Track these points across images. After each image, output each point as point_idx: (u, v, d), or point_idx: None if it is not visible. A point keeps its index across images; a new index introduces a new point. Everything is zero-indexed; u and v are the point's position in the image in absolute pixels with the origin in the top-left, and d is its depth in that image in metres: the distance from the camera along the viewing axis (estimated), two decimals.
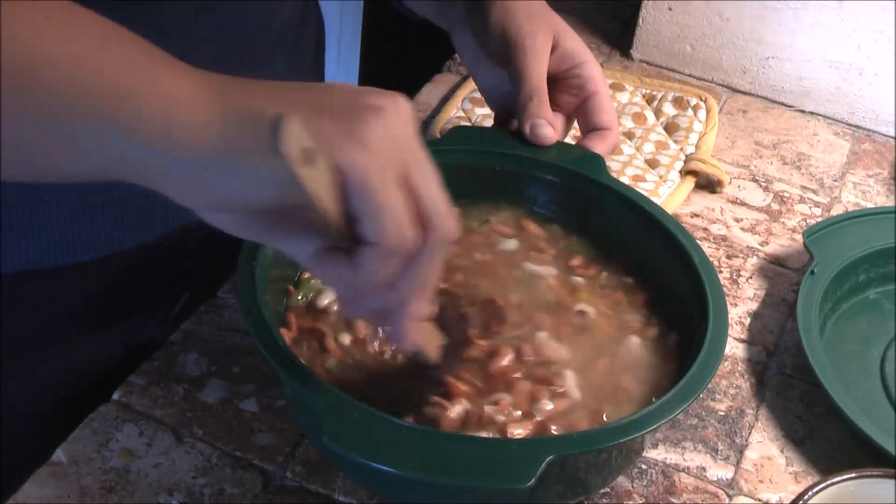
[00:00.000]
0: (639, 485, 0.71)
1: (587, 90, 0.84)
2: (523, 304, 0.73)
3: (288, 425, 0.72)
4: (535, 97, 0.81)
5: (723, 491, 0.72)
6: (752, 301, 0.88)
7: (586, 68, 0.85)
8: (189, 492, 0.67)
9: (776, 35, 1.11)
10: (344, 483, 0.69)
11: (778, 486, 0.73)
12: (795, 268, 0.92)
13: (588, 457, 0.62)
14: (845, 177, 1.05)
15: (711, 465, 0.74)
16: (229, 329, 0.78)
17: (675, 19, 1.14)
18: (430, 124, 1.02)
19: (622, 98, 1.08)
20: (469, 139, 0.83)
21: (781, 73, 1.13)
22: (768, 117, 1.12)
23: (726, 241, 0.94)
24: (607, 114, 0.84)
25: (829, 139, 1.10)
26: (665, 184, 0.97)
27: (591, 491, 0.68)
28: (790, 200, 1.00)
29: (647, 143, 1.02)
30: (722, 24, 1.12)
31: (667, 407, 0.63)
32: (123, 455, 0.69)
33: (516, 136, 0.83)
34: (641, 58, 1.18)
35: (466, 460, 0.58)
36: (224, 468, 0.69)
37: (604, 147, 0.84)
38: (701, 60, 1.16)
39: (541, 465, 0.57)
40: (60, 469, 0.67)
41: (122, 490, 0.67)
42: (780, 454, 0.76)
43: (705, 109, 1.07)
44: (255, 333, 0.63)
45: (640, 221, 0.78)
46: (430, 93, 1.08)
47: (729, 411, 0.78)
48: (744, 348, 0.84)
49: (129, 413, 0.71)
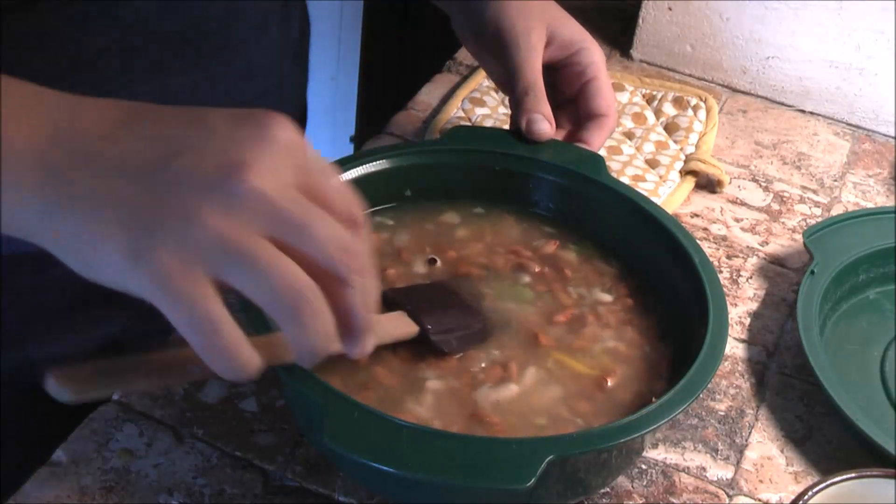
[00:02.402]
0: (639, 485, 0.71)
1: (586, 76, 0.84)
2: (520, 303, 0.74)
3: (288, 425, 0.72)
4: (531, 92, 0.81)
5: (723, 491, 0.72)
6: (752, 301, 0.88)
7: (585, 55, 0.85)
8: (189, 492, 0.67)
9: (776, 35, 1.11)
10: (344, 483, 0.69)
11: (778, 486, 0.73)
12: (795, 268, 0.92)
13: (588, 457, 0.62)
14: (845, 177, 1.05)
15: (711, 465, 0.74)
16: None
17: (675, 19, 1.14)
18: (430, 124, 1.01)
19: (622, 98, 1.08)
20: (469, 139, 0.83)
21: (781, 73, 1.13)
22: (768, 117, 1.12)
23: (726, 241, 0.94)
24: (605, 99, 0.84)
25: (829, 139, 1.10)
26: (665, 184, 0.97)
27: (591, 491, 0.68)
28: (790, 200, 1.00)
29: (647, 143, 1.02)
30: (722, 24, 1.12)
31: (667, 407, 0.63)
32: (123, 455, 0.69)
33: (516, 135, 0.83)
34: (641, 58, 1.18)
35: (466, 460, 0.58)
36: (224, 468, 0.69)
37: (600, 136, 0.84)
38: (701, 60, 1.16)
39: (541, 465, 0.57)
40: (60, 469, 0.68)
41: (122, 490, 0.67)
42: (780, 454, 0.76)
43: (705, 109, 1.07)
44: (255, 333, 0.63)
45: (640, 221, 0.78)
46: (430, 93, 1.08)
47: (729, 411, 0.78)
48: (744, 348, 0.84)
49: (129, 413, 0.71)
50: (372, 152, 0.79)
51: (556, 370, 0.70)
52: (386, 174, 0.79)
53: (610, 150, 0.99)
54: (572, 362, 0.71)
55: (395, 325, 0.68)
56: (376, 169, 0.78)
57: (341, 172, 0.77)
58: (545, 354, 0.71)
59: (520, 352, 0.71)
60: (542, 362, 0.70)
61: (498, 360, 0.70)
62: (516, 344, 0.71)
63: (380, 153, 0.79)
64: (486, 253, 0.78)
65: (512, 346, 0.71)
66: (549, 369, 0.70)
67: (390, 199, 0.80)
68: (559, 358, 0.71)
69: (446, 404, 0.67)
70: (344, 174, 0.77)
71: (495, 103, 1.04)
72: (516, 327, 0.73)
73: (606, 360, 0.72)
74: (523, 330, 0.73)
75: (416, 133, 1.02)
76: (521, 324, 0.73)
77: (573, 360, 0.71)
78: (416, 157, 0.80)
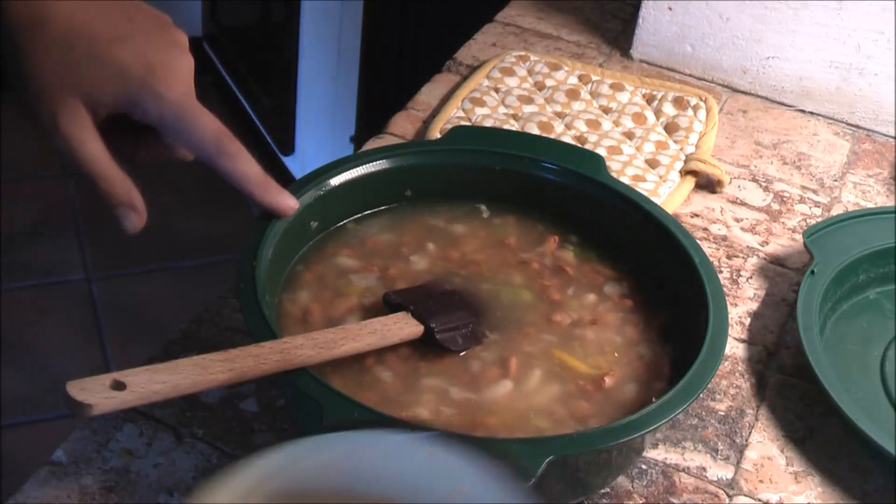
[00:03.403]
0: (639, 485, 0.71)
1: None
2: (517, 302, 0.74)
3: (288, 425, 0.72)
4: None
5: (723, 491, 0.72)
6: (752, 301, 0.88)
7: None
8: (189, 492, 0.67)
9: (776, 35, 1.11)
10: None
11: (778, 486, 0.73)
12: (795, 268, 0.92)
13: (588, 457, 0.62)
14: (845, 177, 1.05)
15: (711, 465, 0.74)
16: (229, 329, 0.78)
17: (675, 19, 1.14)
18: (430, 124, 1.01)
19: (622, 98, 1.08)
20: (469, 139, 0.83)
21: (781, 73, 1.13)
22: (768, 117, 1.12)
23: (726, 241, 0.94)
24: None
25: (829, 139, 1.10)
26: (665, 184, 0.97)
27: (591, 491, 0.68)
28: (790, 200, 1.00)
29: (647, 143, 1.02)
30: (722, 24, 1.12)
31: (667, 407, 0.63)
32: (123, 455, 0.69)
33: (516, 136, 0.83)
34: (641, 58, 1.18)
35: None
36: (224, 468, 0.69)
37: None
38: (701, 60, 1.16)
39: (541, 465, 0.57)
40: (60, 469, 0.68)
41: (122, 490, 0.67)
42: (780, 454, 0.76)
43: (705, 109, 1.07)
44: (255, 333, 0.63)
45: (640, 221, 0.78)
46: (430, 93, 1.08)
47: (729, 411, 0.78)
48: (744, 348, 0.84)
49: (129, 413, 0.71)
50: (372, 152, 0.79)
51: (556, 370, 0.70)
52: (386, 174, 0.79)
53: (610, 150, 1.00)
54: (572, 362, 0.71)
55: (400, 325, 0.68)
56: (376, 169, 0.78)
57: (341, 172, 0.77)
58: (545, 354, 0.71)
59: (519, 351, 0.71)
60: (542, 362, 0.70)
61: (497, 360, 0.70)
62: (516, 344, 0.71)
63: (380, 153, 0.79)
64: (486, 253, 0.78)
65: (511, 345, 0.71)
66: (549, 369, 0.70)
67: (390, 199, 0.80)
68: (559, 358, 0.71)
69: (446, 404, 0.67)
70: (344, 174, 0.77)
71: (495, 103, 1.04)
72: (516, 327, 0.73)
73: (606, 360, 0.72)
74: (523, 329, 0.73)
75: (416, 133, 1.02)
76: (521, 323, 0.73)
77: (573, 359, 0.71)
78: (416, 157, 0.80)
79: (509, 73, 1.09)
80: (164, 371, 0.59)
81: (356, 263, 0.76)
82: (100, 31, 0.64)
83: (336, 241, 0.77)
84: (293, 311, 0.72)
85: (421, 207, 0.81)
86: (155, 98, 0.65)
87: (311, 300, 0.72)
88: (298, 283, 0.74)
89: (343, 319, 0.71)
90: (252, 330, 0.63)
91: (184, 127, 0.66)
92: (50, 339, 2.10)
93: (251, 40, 2.60)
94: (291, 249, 0.74)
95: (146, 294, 2.25)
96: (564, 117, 1.03)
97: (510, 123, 1.01)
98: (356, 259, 0.76)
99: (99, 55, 0.64)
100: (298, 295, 0.73)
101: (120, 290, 2.24)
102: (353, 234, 0.78)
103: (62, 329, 2.13)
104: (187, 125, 0.66)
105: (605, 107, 1.06)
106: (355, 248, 0.77)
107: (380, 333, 0.67)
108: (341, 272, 0.75)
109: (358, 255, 0.77)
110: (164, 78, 0.65)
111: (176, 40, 0.67)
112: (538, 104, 1.05)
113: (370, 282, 0.74)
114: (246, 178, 0.68)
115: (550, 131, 1.01)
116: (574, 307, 0.75)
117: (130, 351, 2.07)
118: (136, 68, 0.64)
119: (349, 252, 0.77)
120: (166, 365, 0.59)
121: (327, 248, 0.77)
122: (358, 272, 0.75)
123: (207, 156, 0.67)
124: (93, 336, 2.12)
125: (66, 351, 2.08)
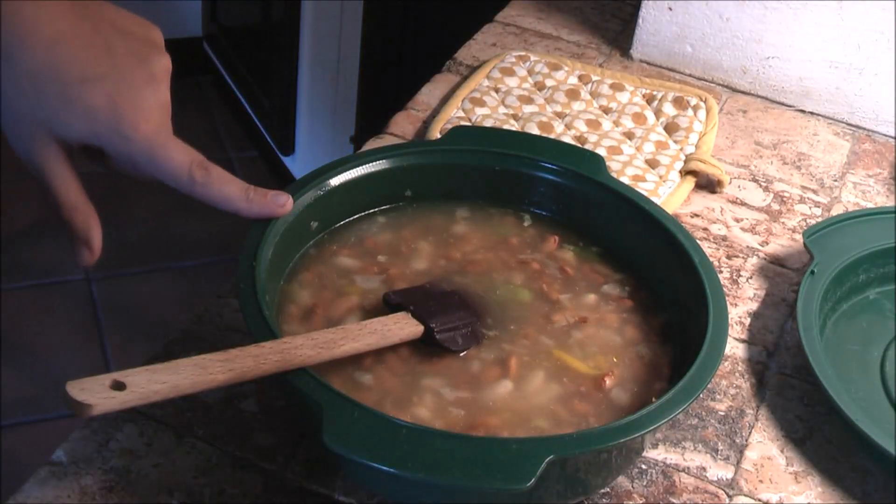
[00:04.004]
0: (639, 485, 0.71)
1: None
2: (514, 302, 0.74)
3: (288, 425, 0.72)
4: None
5: (723, 491, 0.72)
6: (752, 301, 0.88)
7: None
8: (189, 492, 0.67)
9: (776, 35, 1.11)
10: (344, 483, 0.69)
11: (778, 486, 0.73)
12: (795, 268, 0.92)
13: (588, 457, 0.62)
14: (845, 177, 1.05)
15: (711, 465, 0.74)
16: (229, 329, 0.78)
17: (675, 19, 1.14)
18: (430, 124, 1.02)
19: (622, 98, 1.08)
20: (469, 139, 0.83)
21: (781, 73, 1.13)
22: (768, 117, 1.12)
23: (726, 241, 0.94)
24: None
25: (829, 139, 1.10)
26: (665, 184, 0.97)
27: (591, 491, 0.68)
28: (790, 200, 1.00)
29: (647, 143, 1.02)
30: (722, 24, 1.13)
31: (667, 407, 0.63)
32: (123, 455, 0.69)
33: (516, 136, 0.83)
34: (641, 58, 1.18)
35: (466, 460, 0.58)
36: (224, 468, 0.69)
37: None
38: (701, 60, 1.16)
39: (540, 465, 0.57)
40: (60, 469, 0.68)
41: (122, 490, 0.67)
42: (780, 454, 0.76)
43: (705, 109, 1.07)
44: (255, 333, 0.63)
45: (640, 221, 0.78)
46: (430, 93, 1.08)
47: (729, 411, 0.78)
48: (744, 348, 0.84)
49: (129, 413, 0.71)
50: (372, 152, 0.79)
51: (556, 370, 0.70)
52: (386, 174, 0.79)
53: (610, 150, 1.00)
54: (572, 362, 0.71)
55: (400, 325, 0.68)
56: (376, 169, 0.79)
57: (341, 172, 0.77)
58: (545, 354, 0.71)
59: (519, 351, 0.71)
60: (542, 362, 0.71)
61: (497, 360, 0.70)
62: (516, 344, 0.71)
63: (380, 153, 0.79)
64: (486, 253, 0.78)
65: (511, 345, 0.71)
66: (549, 369, 0.70)
67: (390, 199, 0.80)
68: (559, 358, 0.71)
69: (446, 404, 0.67)
70: (344, 174, 0.77)
71: (495, 103, 1.04)
72: (516, 327, 0.73)
73: (606, 360, 0.72)
74: (523, 329, 0.73)
75: (416, 133, 1.02)
76: (521, 323, 0.73)
77: (573, 359, 0.71)
78: (416, 157, 0.80)
79: (509, 73, 1.09)
80: (164, 371, 0.59)
81: (356, 263, 0.76)
82: (74, 71, 0.64)
83: (336, 241, 0.77)
84: (293, 312, 0.72)
85: (421, 207, 0.81)
86: (122, 140, 0.65)
87: (311, 300, 0.72)
88: (298, 284, 0.74)
89: (343, 319, 0.71)
90: (252, 330, 0.63)
91: (154, 164, 0.67)
92: (50, 339, 2.10)
93: (251, 40, 2.60)
94: (291, 249, 0.74)
95: (146, 294, 2.25)
96: (564, 117, 1.03)
97: (510, 123, 1.01)
98: (356, 259, 0.76)
99: (68, 97, 0.64)
100: (298, 295, 0.73)
101: (120, 290, 2.25)
102: (353, 234, 0.78)
103: (62, 329, 2.13)
104: (157, 163, 0.66)
105: (605, 107, 1.06)
106: (355, 248, 0.77)
107: (380, 333, 0.67)
108: (341, 272, 0.75)
109: (358, 255, 0.77)
110: (132, 119, 0.65)
111: (152, 75, 0.67)
112: (538, 104, 1.05)
113: (370, 282, 0.74)
114: (227, 201, 0.69)
115: (550, 131, 1.01)
116: (574, 307, 0.75)
117: (130, 351, 2.07)
118: (104, 111, 0.65)
119: (349, 252, 0.77)
120: (166, 365, 0.59)
121: (327, 248, 0.77)
122: (358, 272, 0.75)
123: (182, 188, 0.68)
124: (93, 336, 2.12)
125: (66, 351, 2.08)
